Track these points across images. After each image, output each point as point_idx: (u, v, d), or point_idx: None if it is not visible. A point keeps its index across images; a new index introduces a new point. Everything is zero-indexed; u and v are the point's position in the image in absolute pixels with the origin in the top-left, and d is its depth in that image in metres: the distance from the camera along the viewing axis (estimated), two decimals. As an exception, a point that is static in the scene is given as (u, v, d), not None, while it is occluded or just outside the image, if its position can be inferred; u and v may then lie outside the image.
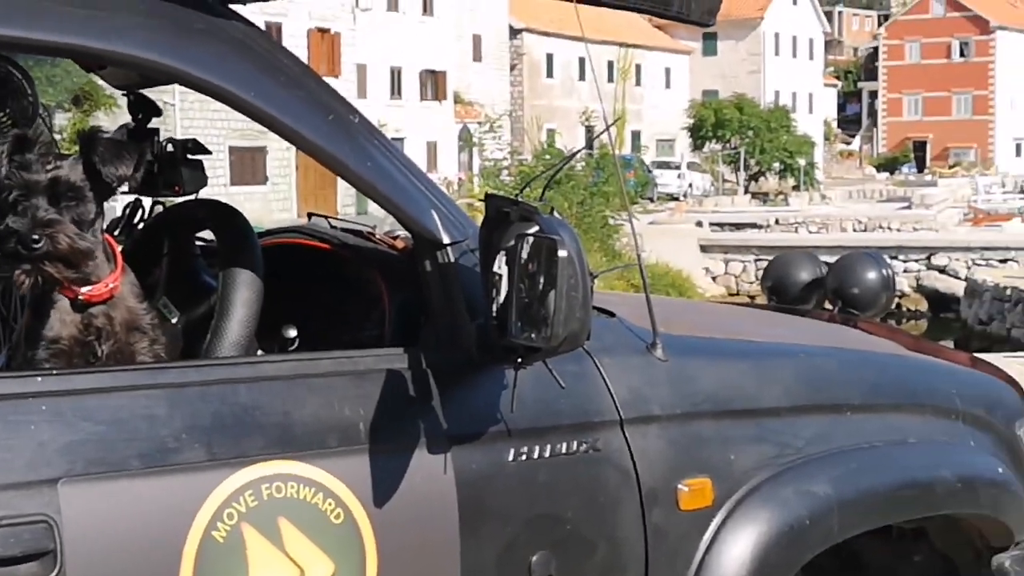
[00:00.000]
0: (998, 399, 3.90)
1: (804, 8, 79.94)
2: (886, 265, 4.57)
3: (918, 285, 32.23)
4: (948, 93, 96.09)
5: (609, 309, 3.13)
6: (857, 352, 3.75)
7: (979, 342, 25.53)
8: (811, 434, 3.27)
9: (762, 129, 58.25)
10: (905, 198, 51.82)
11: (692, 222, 36.10)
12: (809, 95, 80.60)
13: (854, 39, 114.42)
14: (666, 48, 72.38)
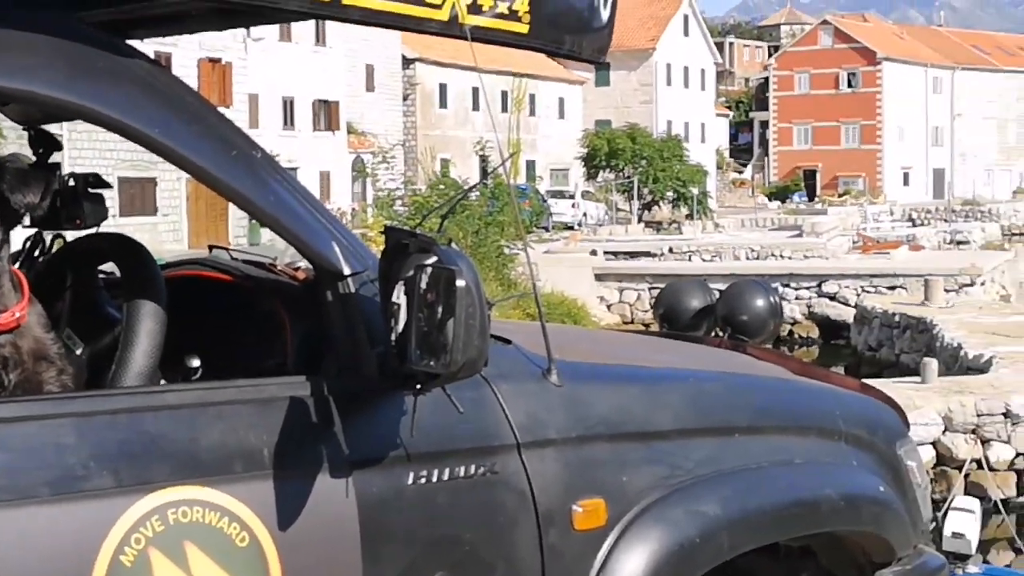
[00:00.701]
0: (879, 421, 4.02)
1: (695, 39, 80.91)
2: (774, 293, 4.72)
3: (809, 312, 32.62)
4: (837, 123, 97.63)
5: (506, 337, 3.19)
6: (745, 377, 3.84)
7: (869, 367, 25.92)
8: (701, 456, 3.36)
9: (655, 159, 58.69)
10: (796, 226, 52.37)
11: (587, 251, 36.28)
12: (701, 125, 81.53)
13: (745, 70, 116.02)
14: (560, 78, 72.82)
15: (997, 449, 15.59)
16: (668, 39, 76.46)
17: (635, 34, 76.03)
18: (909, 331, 25.77)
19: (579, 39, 3.30)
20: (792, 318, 32.50)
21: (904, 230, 60.47)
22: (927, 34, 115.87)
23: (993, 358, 18.94)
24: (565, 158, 67.11)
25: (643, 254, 38.94)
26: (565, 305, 26.97)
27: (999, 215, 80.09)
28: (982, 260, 35.78)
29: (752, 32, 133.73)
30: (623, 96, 75.19)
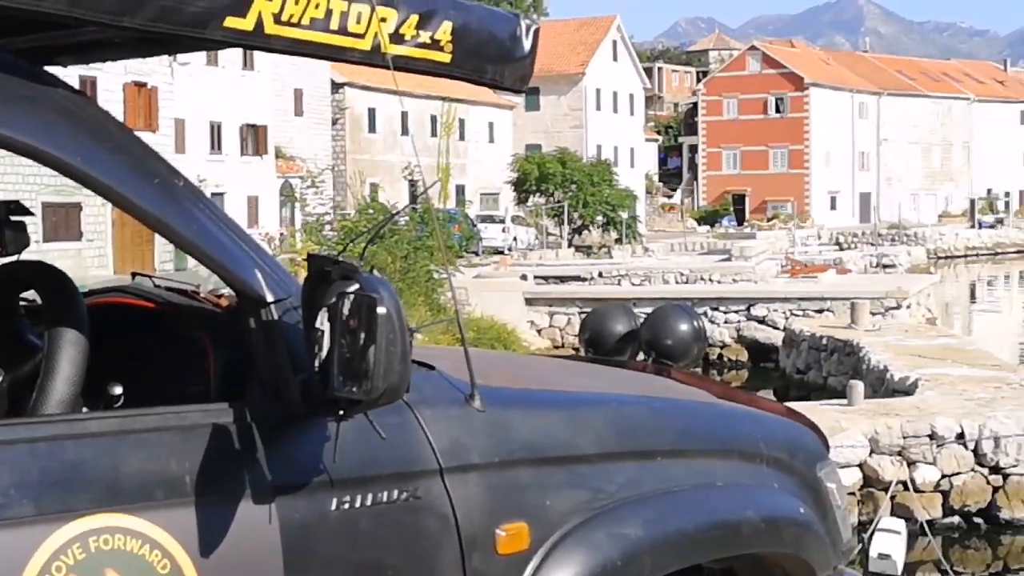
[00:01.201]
0: (800, 443, 4.08)
1: (624, 64, 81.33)
2: (697, 317, 4.78)
3: (739, 336, 32.76)
4: (765, 148, 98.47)
5: (429, 362, 3.23)
6: (667, 401, 3.89)
7: (797, 390, 26.06)
8: (623, 479, 3.41)
9: (585, 183, 58.86)
10: (725, 251, 52.60)
11: (517, 275, 36.28)
12: (631, 150, 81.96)
13: (674, 95, 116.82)
14: (489, 103, 72.99)
15: (923, 471, 15.65)
16: (597, 64, 76.81)
17: (565, 59, 76.39)
18: (836, 354, 25.92)
19: (501, 68, 3.35)
20: (722, 342, 32.66)
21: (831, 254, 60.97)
22: (853, 60, 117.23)
23: (919, 380, 19.06)
24: (495, 182, 67.24)
25: (573, 278, 38.98)
26: (495, 330, 26.97)
27: (925, 239, 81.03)
28: (908, 283, 36.09)
29: (681, 57, 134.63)
30: (553, 121, 75.46)
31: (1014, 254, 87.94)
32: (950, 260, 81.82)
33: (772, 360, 30.62)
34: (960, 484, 15.67)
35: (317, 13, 2.83)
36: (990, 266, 79.83)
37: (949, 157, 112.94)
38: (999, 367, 20.84)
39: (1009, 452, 15.66)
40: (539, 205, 60.52)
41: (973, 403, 17.04)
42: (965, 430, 15.79)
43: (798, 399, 21.50)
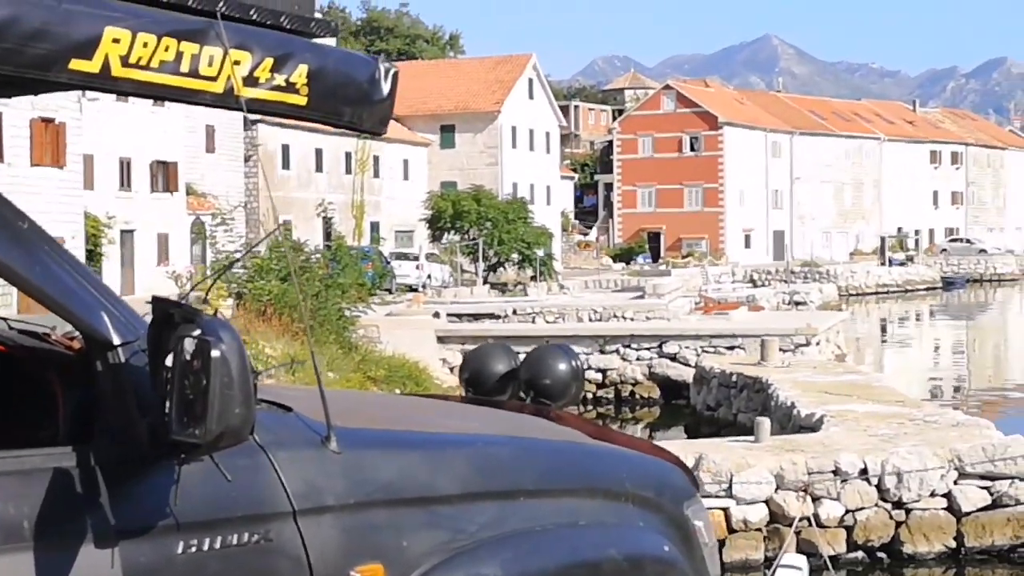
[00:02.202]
0: (667, 482, 4.10)
1: (540, 102, 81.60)
2: (575, 357, 4.80)
3: (650, 373, 32.87)
4: (680, 186, 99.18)
5: (286, 404, 3.23)
6: (531, 440, 3.88)
7: (708, 427, 26.18)
8: (485, 519, 3.43)
9: (500, 220, 58.87)
10: (639, 288, 52.87)
11: (430, 313, 36.23)
12: (547, 187, 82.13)
13: (590, 133, 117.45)
14: (404, 140, 72.95)
15: (827, 506, 15.76)
16: (513, 102, 76.97)
17: (480, 97, 76.56)
18: (746, 390, 26.07)
19: (359, 111, 3.37)
20: (634, 379, 32.80)
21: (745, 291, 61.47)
22: (767, 100, 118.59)
23: (824, 417, 19.19)
24: (410, 220, 67.12)
25: (487, 316, 38.98)
26: (407, 368, 26.86)
27: (837, 276, 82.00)
28: (818, 320, 36.42)
29: (597, 96, 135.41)
30: (468, 158, 75.48)
31: (923, 291, 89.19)
32: (861, 297, 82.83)
33: (683, 397, 30.77)
34: (864, 519, 15.80)
35: (167, 56, 2.83)
36: (900, 303, 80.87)
37: (860, 196, 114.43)
38: (903, 403, 21.07)
39: (911, 487, 15.80)
40: (454, 242, 60.47)
41: (877, 439, 17.20)
42: (868, 466, 15.92)
43: (708, 436, 21.63)
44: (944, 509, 15.90)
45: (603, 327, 35.71)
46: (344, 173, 66.14)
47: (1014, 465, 16.01)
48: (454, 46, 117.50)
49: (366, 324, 29.23)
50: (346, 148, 66.15)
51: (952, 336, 59.23)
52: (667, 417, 31.09)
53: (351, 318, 28.08)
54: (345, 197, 65.48)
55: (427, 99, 77.04)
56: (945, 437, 17.00)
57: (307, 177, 63.13)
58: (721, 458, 15.94)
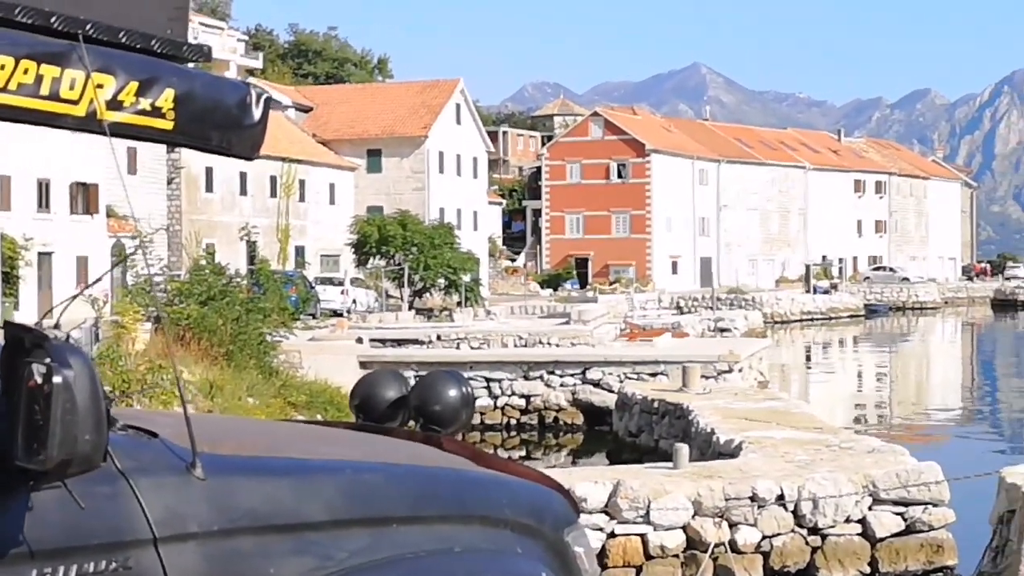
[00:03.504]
0: (547, 508, 4.08)
1: (468, 127, 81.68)
2: (466, 383, 4.79)
3: (574, 399, 32.88)
4: (608, 212, 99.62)
5: (152, 429, 3.18)
6: (408, 467, 3.85)
7: (629, 453, 26.18)
8: (355, 546, 3.40)
9: (426, 245, 58.80)
10: (565, 314, 53.02)
11: (354, 338, 36.08)
12: (474, 212, 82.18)
13: (519, 158, 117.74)
14: (330, 164, 72.77)
15: (744, 532, 15.81)
16: (440, 127, 76.98)
17: (407, 122, 76.52)
18: (667, 417, 26.12)
19: (228, 136, 3.37)
20: (558, 405, 32.79)
21: (671, 318, 61.81)
22: (694, 127, 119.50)
23: (743, 443, 19.28)
24: (336, 244, 66.88)
25: (411, 341, 38.88)
26: (328, 393, 26.71)
27: (762, 303, 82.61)
28: (741, 347, 36.60)
29: (526, 122, 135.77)
30: (395, 183, 75.33)
31: (847, 319, 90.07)
32: (786, 324, 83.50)
33: (606, 423, 30.77)
34: (780, 545, 15.88)
35: (26, 79, 2.81)
36: (824, 330, 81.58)
37: (786, 224, 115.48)
38: (821, 429, 21.18)
39: (827, 513, 15.90)
40: (379, 267, 60.31)
41: (794, 465, 17.28)
42: (785, 492, 16.00)
43: (629, 462, 21.62)
44: (859, 535, 16.05)
45: (528, 353, 35.69)
46: (269, 197, 65.80)
47: (927, 491, 16.16)
48: (382, 70, 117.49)
49: (288, 349, 29.11)
50: (271, 172, 65.85)
51: (874, 363, 59.83)
52: (590, 443, 31.08)
53: (272, 343, 27.96)
54: (270, 221, 65.18)
55: (354, 123, 76.94)
56: (860, 463, 17.12)
57: (231, 200, 62.73)
58: (639, 484, 15.96)
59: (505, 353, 35.96)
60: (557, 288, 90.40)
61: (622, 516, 15.73)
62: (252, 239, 53.52)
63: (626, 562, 15.68)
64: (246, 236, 51.91)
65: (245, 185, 63.94)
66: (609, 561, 15.68)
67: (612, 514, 15.77)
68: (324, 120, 77.80)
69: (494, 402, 32.83)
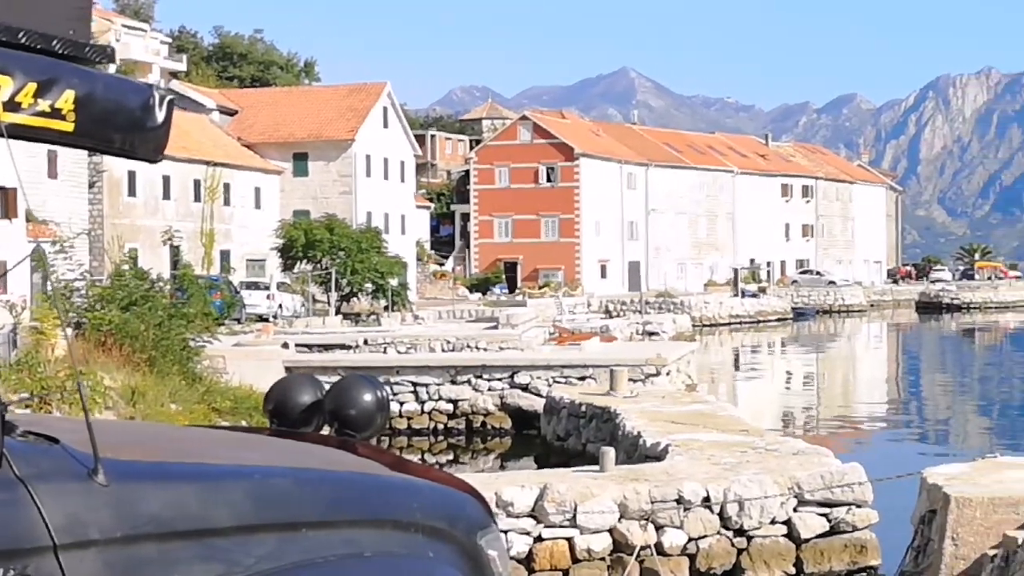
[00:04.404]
0: (460, 512, 4.09)
1: (395, 131, 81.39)
2: (380, 387, 4.81)
3: (502, 403, 32.79)
4: (537, 216, 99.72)
5: (54, 435, 3.15)
6: (317, 472, 3.83)
7: (557, 457, 26.11)
8: (263, 551, 3.39)
9: (353, 250, 58.52)
10: (493, 318, 53.07)
11: (279, 343, 35.81)
12: (402, 216, 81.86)
13: (447, 162, 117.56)
14: (256, 168, 72.26)
15: (670, 535, 15.84)
16: (368, 131, 76.61)
17: (334, 125, 76.14)
18: (595, 420, 26.13)
19: (131, 138, 3.37)
20: (485, 409, 32.68)
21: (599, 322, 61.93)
22: (622, 132, 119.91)
23: (669, 446, 19.32)
24: (261, 248, 66.40)
25: (338, 347, 38.68)
26: (253, 399, 26.43)
27: (690, 307, 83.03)
28: (668, 350, 36.71)
29: (455, 125, 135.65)
30: (322, 187, 74.89)
31: (775, 322, 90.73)
32: (715, 328, 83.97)
33: (534, 427, 30.71)
34: (706, 547, 15.94)
35: None
36: (752, 333, 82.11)
37: (714, 228, 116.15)
38: (747, 432, 21.23)
39: (752, 515, 15.95)
40: (306, 272, 59.95)
41: (720, 467, 17.32)
42: (711, 494, 16.04)
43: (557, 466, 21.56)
44: (784, 536, 16.13)
45: (455, 357, 35.60)
46: (193, 201, 65.18)
47: (851, 492, 16.26)
48: (309, 73, 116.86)
49: (212, 355, 28.89)
50: (196, 175, 65.25)
51: (801, 366, 60.25)
52: (518, 447, 31.00)
53: (196, 348, 27.73)
54: (194, 225, 64.61)
55: (280, 126, 76.47)
56: (786, 465, 17.18)
57: (154, 204, 62.06)
58: (566, 488, 15.94)
59: (432, 358, 35.86)
60: (486, 292, 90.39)
61: (548, 520, 15.71)
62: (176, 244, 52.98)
63: (553, 566, 15.67)
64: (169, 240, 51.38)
65: (169, 189, 63.24)
66: (536, 565, 15.67)
67: (539, 518, 15.76)
68: (249, 123, 77.23)
69: (421, 407, 32.68)
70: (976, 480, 14.24)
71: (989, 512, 13.29)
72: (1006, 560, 11.36)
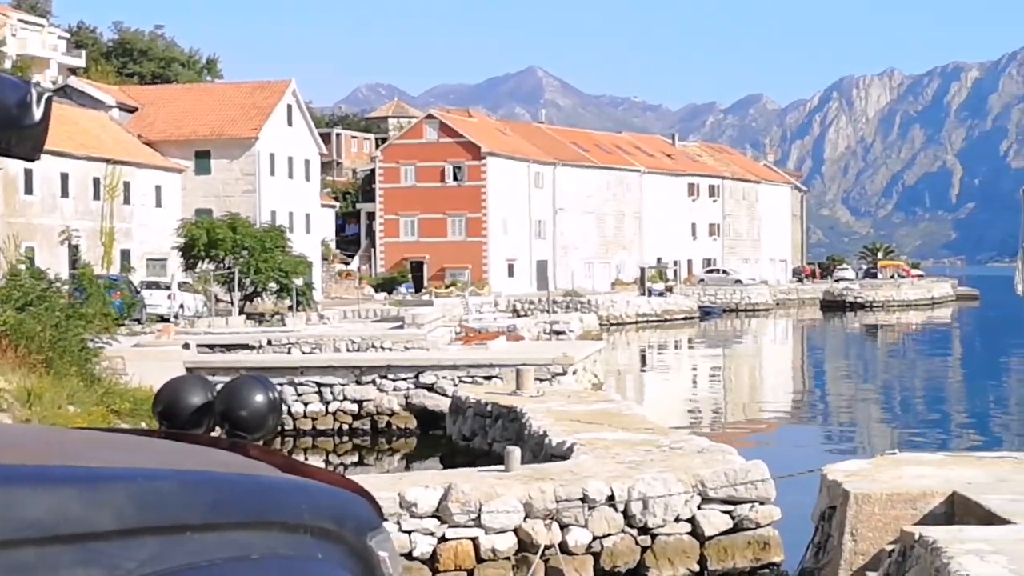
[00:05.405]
0: (349, 513, 4.04)
1: (300, 129, 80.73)
2: (272, 388, 4.65)
3: (407, 403, 32.62)
4: (443, 215, 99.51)
5: None
6: (201, 473, 3.76)
7: (463, 457, 26.03)
8: (145, 555, 3.34)
9: (257, 249, 57.90)
10: (400, 318, 52.87)
11: (180, 344, 35.32)
12: (307, 215, 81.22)
13: (353, 161, 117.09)
14: (157, 166, 71.28)
15: (575, 533, 15.85)
16: (271, 128, 75.87)
17: (237, 123, 75.34)
18: (501, 420, 26.10)
19: (7, 136, 3.33)
20: (390, 409, 32.51)
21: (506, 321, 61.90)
22: (530, 131, 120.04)
23: (575, 445, 19.32)
24: (163, 248, 65.49)
25: (241, 347, 38.28)
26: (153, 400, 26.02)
27: (598, 306, 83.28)
28: (575, 350, 36.76)
29: (360, 124, 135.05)
30: (225, 185, 74.05)
31: (682, 320, 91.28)
32: (622, 326, 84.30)
33: (440, 427, 30.57)
34: (611, 546, 15.97)
35: None
36: (660, 332, 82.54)
37: (622, 227, 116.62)
38: (652, 430, 21.26)
39: (656, 513, 15.98)
40: (208, 271, 59.25)
41: (624, 466, 17.33)
42: (615, 493, 16.07)
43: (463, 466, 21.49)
44: (688, 533, 16.19)
45: (360, 357, 35.35)
46: (93, 199, 64.16)
47: (754, 489, 16.33)
48: (211, 70, 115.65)
49: (111, 356, 28.47)
50: (95, 173, 64.27)
51: (708, 364, 60.59)
52: (423, 448, 30.85)
53: (95, 349, 27.29)
54: (94, 224, 63.62)
55: (182, 124, 75.52)
56: (690, 463, 17.21)
57: (52, 202, 60.96)
58: (470, 488, 15.90)
59: (337, 358, 35.58)
60: (392, 292, 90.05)
61: (453, 520, 15.66)
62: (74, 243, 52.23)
63: (457, 566, 15.62)
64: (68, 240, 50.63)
65: (67, 187, 62.09)
66: (440, 565, 15.61)
67: (443, 518, 15.70)
68: (150, 121, 76.17)
69: (326, 407, 32.43)
70: (875, 476, 14.34)
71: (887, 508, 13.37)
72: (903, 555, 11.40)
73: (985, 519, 12.38)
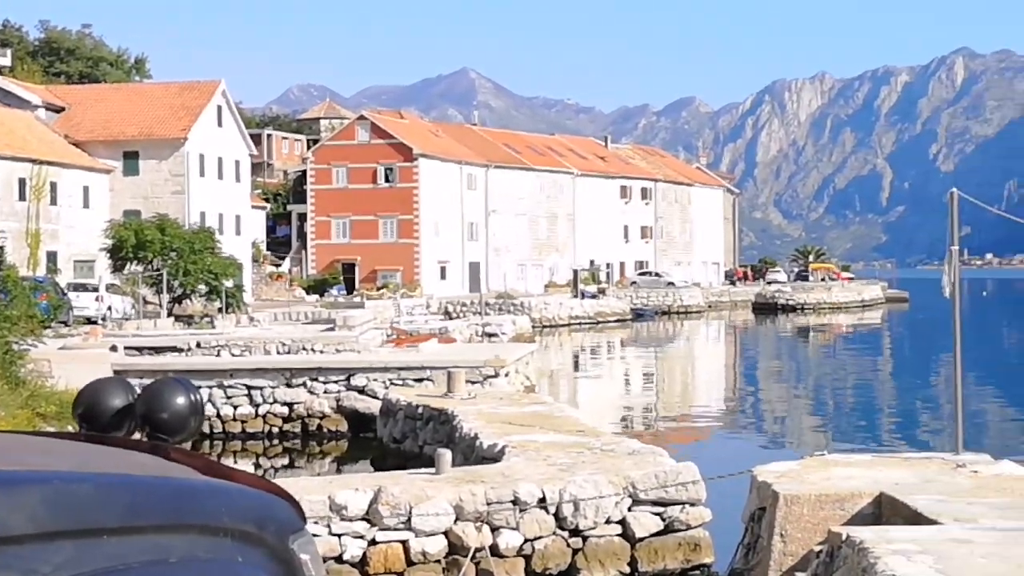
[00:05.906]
0: (269, 515, 4.02)
1: (230, 130, 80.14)
2: (194, 390, 4.62)
3: (338, 406, 32.47)
4: (375, 217, 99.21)
5: None
6: (118, 476, 3.73)
7: (394, 459, 25.94)
8: (61, 559, 3.31)
9: (186, 251, 57.50)
10: (331, 320, 52.69)
11: (108, 346, 34.96)
12: (237, 217, 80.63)
13: (284, 162, 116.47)
14: (84, 166, 70.50)
15: (506, 536, 15.83)
16: (201, 129, 75.24)
17: (166, 123, 74.68)
18: (432, 422, 26.03)
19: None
20: (321, 412, 32.35)
21: (438, 323, 61.82)
22: (462, 132, 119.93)
23: (506, 447, 19.29)
24: (90, 249, 64.86)
25: (169, 349, 37.94)
26: (79, 403, 25.72)
27: (531, 308, 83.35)
28: (508, 352, 36.74)
29: (291, 125, 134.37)
30: (153, 186, 73.38)
31: (614, 323, 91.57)
32: (555, 329, 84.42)
33: (371, 430, 30.45)
34: (542, 548, 15.95)
35: None
36: (592, 334, 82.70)
37: (555, 229, 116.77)
38: (583, 432, 21.25)
39: (588, 515, 15.98)
40: (137, 273, 58.70)
41: (556, 468, 17.32)
42: (547, 495, 16.05)
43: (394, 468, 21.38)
44: (619, 535, 16.20)
45: (290, 360, 35.13)
46: (18, 200, 63.38)
47: (685, 491, 16.35)
48: (140, 70, 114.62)
49: (37, 358, 28.16)
50: (20, 174, 63.49)
51: (640, 366, 60.80)
52: (354, 450, 30.70)
53: (20, 352, 26.95)
54: (19, 225, 62.86)
55: (109, 124, 74.72)
56: (621, 465, 17.22)
57: (-25, 203, 60.22)
58: (400, 490, 15.82)
59: (267, 360, 35.36)
60: (323, 294, 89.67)
61: (383, 523, 15.59)
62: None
63: (387, 569, 15.54)
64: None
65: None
66: (370, 568, 15.55)
67: (373, 521, 15.63)
68: (77, 121, 75.32)
69: (256, 410, 32.20)
70: (804, 478, 14.40)
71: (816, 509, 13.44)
72: (831, 556, 11.45)
73: (912, 519, 12.46)
